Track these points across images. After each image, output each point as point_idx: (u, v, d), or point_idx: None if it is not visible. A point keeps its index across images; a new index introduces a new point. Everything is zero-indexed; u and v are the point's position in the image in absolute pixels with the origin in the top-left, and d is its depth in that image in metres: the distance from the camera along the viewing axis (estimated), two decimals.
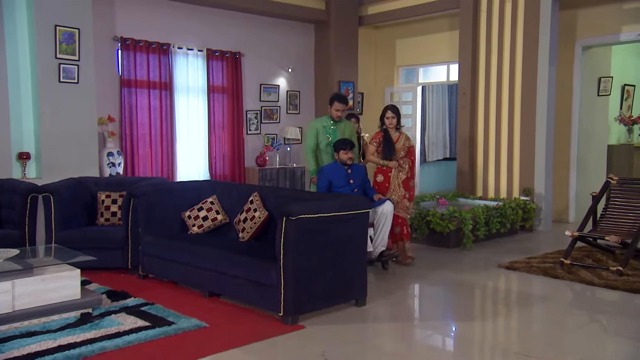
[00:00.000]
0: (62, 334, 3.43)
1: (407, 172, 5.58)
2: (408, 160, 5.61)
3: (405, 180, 5.56)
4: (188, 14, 8.18)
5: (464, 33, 8.16)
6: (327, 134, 5.67)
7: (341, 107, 5.60)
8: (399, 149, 5.58)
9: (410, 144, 5.68)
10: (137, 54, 7.69)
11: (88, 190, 5.63)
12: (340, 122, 5.71)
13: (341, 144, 5.24)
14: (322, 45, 9.76)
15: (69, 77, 6.72)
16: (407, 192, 5.56)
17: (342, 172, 5.27)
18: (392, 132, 5.59)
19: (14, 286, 3.52)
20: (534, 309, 4.36)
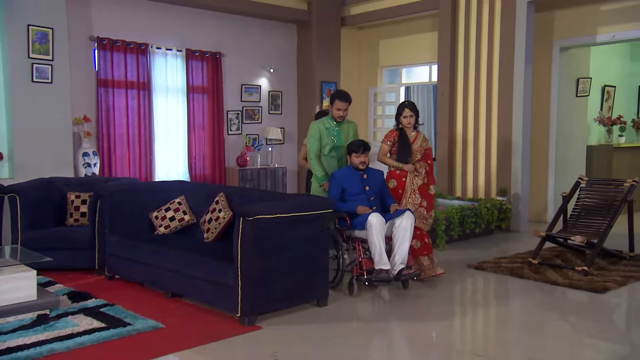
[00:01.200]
0: (14, 335, 3.41)
1: (424, 178, 4.97)
2: (425, 164, 4.97)
3: (423, 187, 4.95)
4: (167, 14, 8.15)
5: (443, 34, 8.17)
6: (332, 137, 5.00)
7: (343, 106, 4.96)
8: (415, 151, 4.93)
9: (428, 146, 5.04)
10: (114, 53, 7.67)
11: (58, 191, 5.60)
12: (344, 122, 5.08)
13: (354, 145, 4.67)
14: (305, 45, 9.75)
15: (43, 77, 6.70)
16: (424, 199, 4.94)
17: (357, 177, 4.67)
18: (408, 132, 4.96)
19: None
20: (492, 309, 4.38)
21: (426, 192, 4.99)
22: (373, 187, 4.71)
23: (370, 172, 4.75)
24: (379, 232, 4.35)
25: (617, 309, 4.39)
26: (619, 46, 9.21)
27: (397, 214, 4.52)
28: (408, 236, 4.44)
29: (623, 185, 5.41)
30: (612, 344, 3.57)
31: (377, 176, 4.80)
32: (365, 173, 4.69)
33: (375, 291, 4.64)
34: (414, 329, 3.85)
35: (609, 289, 4.58)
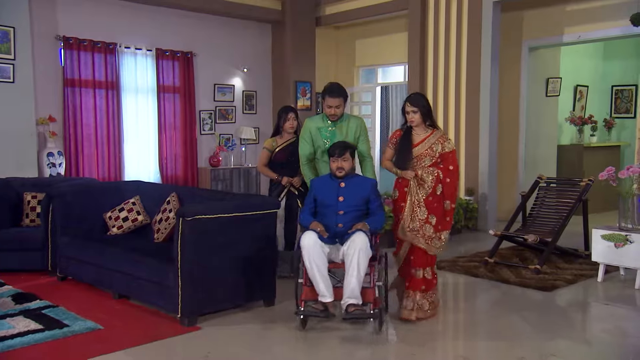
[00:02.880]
0: None
1: (434, 188, 3.86)
2: (435, 171, 3.86)
3: (433, 200, 3.87)
4: (136, 14, 8.11)
5: (412, 34, 8.17)
6: (324, 138, 4.32)
7: (334, 103, 4.24)
8: (421, 155, 3.90)
9: (448, 148, 3.93)
10: (81, 53, 7.62)
11: (14, 191, 5.56)
12: (341, 120, 4.34)
13: (331, 148, 3.94)
14: (279, 45, 9.73)
15: (4, 77, 6.66)
16: (432, 215, 3.87)
17: (332, 186, 3.88)
18: (417, 131, 3.94)
19: None
20: None
21: (439, 208, 3.91)
22: (352, 198, 3.83)
23: (352, 180, 3.90)
24: (311, 256, 3.56)
25: (556, 307, 4.37)
26: (592, 46, 9.25)
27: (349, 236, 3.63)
28: (355, 264, 3.51)
29: (579, 184, 5.43)
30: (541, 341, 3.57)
31: (361, 185, 3.90)
32: (344, 181, 3.87)
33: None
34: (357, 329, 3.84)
35: (557, 287, 4.61)
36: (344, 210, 3.83)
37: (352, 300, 3.53)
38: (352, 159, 3.93)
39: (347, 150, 3.87)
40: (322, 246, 3.63)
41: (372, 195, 3.91)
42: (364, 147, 4.42)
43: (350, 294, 3.53)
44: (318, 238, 3.60)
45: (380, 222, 3.85)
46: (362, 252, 3.52)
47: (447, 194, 3.91)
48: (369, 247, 3.56)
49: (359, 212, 3.85)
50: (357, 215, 3.82)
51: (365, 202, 3.87)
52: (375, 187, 3.97)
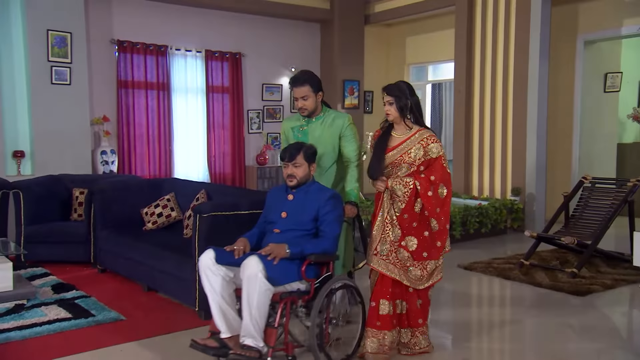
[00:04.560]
0: None
1: (405, 202, 3.05)
2: (411, 181, 3.06)
3: (409, 218, 3.08)
4: (186, 16, 8.38)
5: (459, 30, 7.97)
6: (295, 139, 3.54)
7: (299, 93, 3.44)
8: (395, 161, 3.14)
9: (435, 153, 3.13)
10: (134, 55, 7.97)
11: (65, 187, 5.89)
12: (318, 118, 3.54)
13: (281, 151, 3.25)
14: (327, 44, 9.77)
15: (61, 79, 7.05)
16: (411, 238, 3.09)
17: (281, 198, 3.23)
18: (397, 130, 3.18)
19: None
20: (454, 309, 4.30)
21: (420, 228, 3.09)
22: (297, 215, 3.10)
23: (305, 191, 3.15)
24: (206, 279, 2.95)
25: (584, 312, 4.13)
26: None
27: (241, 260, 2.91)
28: (245, 296, 2.81)
29: (626, 185, 5.11)
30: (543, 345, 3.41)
31: (314, 199, 3.11)
32: (295, 193, 3.17)
33: None
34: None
35: (592, 291, 4.37)
36: (280, 229, 3.10)
37: (247, 340, 2.85)
38: (310, 163, 3.16)
39: (300, 153, 3.12)
40: (220, 268, 2.93)
41: (323, 212, 3.06)
42: (348, 150, 3.51)
43: (245, 332, 2.85)
44: (215, 258, 2.93)
45: (322, 246, 3.01)
46: (251, 282, 2.77)
47: (429, 210, 3.04)
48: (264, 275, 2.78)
49: (303, 232, 3.07)
50: (299, 237, 3.05)
51: (313, 220, 3.08)
52: (334, 202, 3.10)
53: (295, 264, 2.98)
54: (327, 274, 3.12)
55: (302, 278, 2.99)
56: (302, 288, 3.03)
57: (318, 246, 3.02)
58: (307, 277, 3.01)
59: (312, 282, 3.03)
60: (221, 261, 2.95)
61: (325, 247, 3.04)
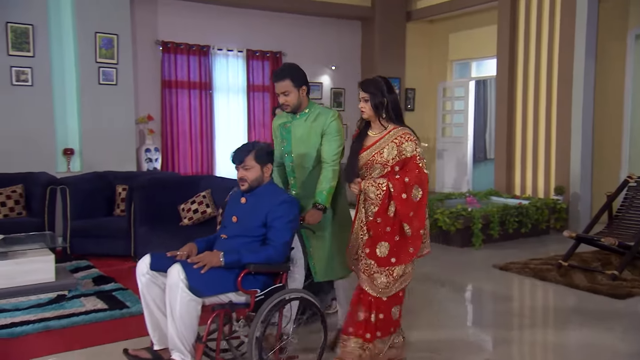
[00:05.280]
0: (24, 312, 3.84)
1: (378, 205, 2.88)
2: (384, 183, 2.88)
3: (382, 222, 2.89)
4: (228, 17, 8.55)
5: (502, 26, 7.80)
6: (281, 137, 3.31)
7: (280, 89, 3.16)
8: (368, 162, 2.94)
9: (410, 152, 2.90)
10: (178, 56, 8.19)
11: (109, 183, 6.12)
12: (303, 114, 3.23)
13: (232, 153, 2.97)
14: (368, 41, 9.75)
15: (108, 80, 7.33)
16: (382, 243, 2.90)
17: (236, 202, 3.03)
18: (373, 129, 2.98)
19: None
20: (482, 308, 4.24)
21: (392, 233, 2.88)
22: (247, 220, 2.88)
23: (258, 195, 2.91)
24: (140, 285, 2.83)
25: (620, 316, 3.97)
26: None
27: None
28: (169, 306, 2.62)
29: None
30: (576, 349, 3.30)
31: (266, 202, 2.87)
32: (249, 196, 2.94)
33: None
34: None
35: (633, 295, 4.21)
36: (228, 234, 2.89)
37: (175, 354, 2.65)
38: (263, 165, 2.90)
39: (249, 154, 2.87)
40: (155, 276, 2.77)
41: (272, 217, 2.81)
42: (325, 149, 3.15)
43: (172, 345, 2.66)
44: (150, 264, 2.79)
45: (264, 255, 2.76)
46: (172, 291, 2.58)
47: (401, 213, 2.83)
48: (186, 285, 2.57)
49: (252, 239, 2.84)
50: (247, 244, 2.82)
51: (262, 226, 2.84)
52: (286, 207, 2.84)
53: (233, 274, 2.69)
54: (279, 285, 2.86)
55: (238, 289, 2.70)
56: (240, 300, 2.76)
57: (260, 255, 2.75)
58: (245, 288, 2.70)
59: (252, 293, 2.73)
60: (157, 268, 2.76)
61: (270, 256, 2.76)
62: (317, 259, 3.23)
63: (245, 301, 2.77)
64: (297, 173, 3.23)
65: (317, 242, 3.21)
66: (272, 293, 2.80)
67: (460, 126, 10.21)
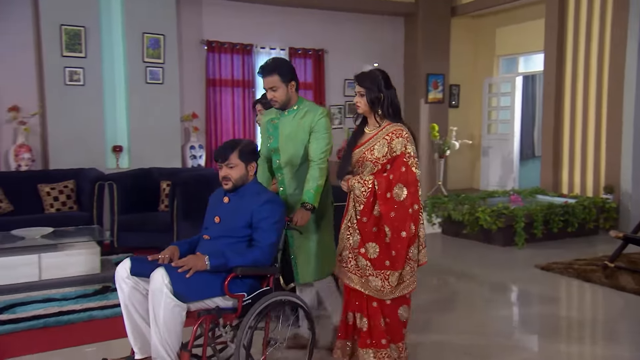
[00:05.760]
0: (72, 302, 4.02)
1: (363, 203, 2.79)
2: (370, 180, 2.78)
3: (368, 222, 2.80)
4: (271, 15, 8.64)
5: (550, 19, 7.59)
6: (268, 134, 3.22)
7: (267, 83, 3.04)
8: (359, 160, 2.87)
9: (398, 149, 2.78)
10: (222, 55, 8.35)
11: (153, 179, 6.32)
12: (292, 111, 3.11)
13: (215, 151, 2.90)
14: (412, 38, 9.67)
15: (155, 79, 7.55)
16: (371, 245, 2.80)
17: (218, 202, 2.93)
18: (369, 125, 2.91)
19: (41, 259, 4.21)
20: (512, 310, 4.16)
21: (380, 234, 2.77)
22: (230, 220, 2.76)
23: (241, 194, 2.80)
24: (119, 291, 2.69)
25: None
26: None
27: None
28: (152, 313, 2.49)
29: None
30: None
31: (250, 202, 2.75)
32: (232, 195, 2.83)
33: None
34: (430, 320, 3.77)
35: None
36: (211, 235, 2.77)
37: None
38: (248, 163, 2.79)
39: (233, 151, 2.76)
40: (136, 281, 2.63)
41: (258, 218, 2.70)
42: (313, 147, 3.04)
43: (155, 353, 2.51)
44: (130, 269, 2.63)
45: (251, 257, 2.64)
46: (156, 297, 2.45)
47: (384, 213, 2.71)
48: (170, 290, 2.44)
49: (236, 240, 2.72)
50: (231, 245, 2.70)
51: (247, 227, 2.72)
52: (270, 207, 2.73)
53: (219, 277, 2.56)
54: (266, 289, 2.75)
55: (224, 293, 2.57)
56: (226, 305, 2.62)
57: (246, 257, 2.62)
58: (232, 292, 2.58)
59: (239, 297, 2.61)
60: (138, 272, 2.61)
61: (257, 258, 2.64)
62: (300, 260, 3.10)
63: (232, 306, 2.63)
64: (284, 170, 3.12)
65: (301, 243, 3.09)
66: (259, 297, 2.68)
67: (506, 123, 9.98)
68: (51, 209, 5.92)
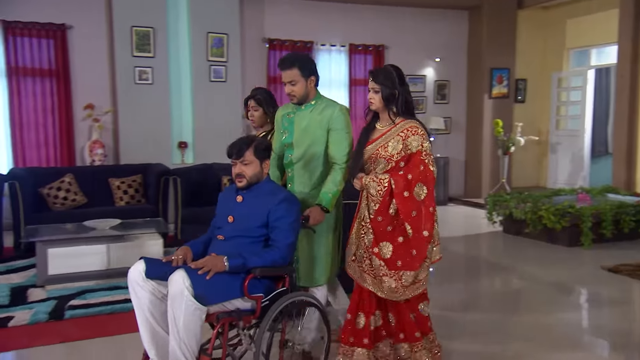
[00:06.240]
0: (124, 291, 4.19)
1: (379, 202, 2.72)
2: (386, 178, 2.71)
3: (383, 221, 2.73)
4: (332, 12, 8.70)
5: (625, 10, 7.24)
6: (283, 129, 3.11)
7: (286, 77, 2.96)
8: (372, 156, 2.81)
9: (415, 147, 2.72)
10: (283, 52, 8.47)
11: (215, 174, 6.52)
12: (309, 106, 3.02)
13: (229, 147, 2.76)
14: (476, 31, 9.45)
15: (218, 77, 7.78)
16: (385, 244, 2.73)
17: (230, 200, 2.81)
18: (381, 121, 2.85)
19: (109, 249, 4.45)
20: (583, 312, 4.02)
21: (396, 233, 2.72)
22: (245, 220, 2.68)
23: (255, 193, 2.71)
24: (133, 294, 2.57)
25: None
26: None
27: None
28: (171, 317, 2.39)
29: None
30: None
31: (266, 201, 2.67)
32: (245, 194, 2.73)
33: None
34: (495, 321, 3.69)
35: None
36: (225, 235, 2.68)
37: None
38: (262, 160, 2.71)
39: (249, 148, 2.66)
40: (150, 283, 2.52)
41: (274, 218, 2.62)
42: (335, 147, 2.92)
43: (172, 357, 2.43)
44: (145, 271, 2.53)
45: (270, 257, 2.58)
46: (176, 300, 2.35)
47: (403, 213, 2.66)
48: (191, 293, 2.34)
49: (251, 239, 2.64)
50: (247, 245, 2.62)
51: (263, 226, 2.65)
52: (287, 206, 2.65)
53: (238, 279, 2.50)
54: (282, 289, 2.67)
55: (244, 295, 2.50)
56: (245, 307, 2.56)
57: (265, 258, 2.56)
58: (251, 293, 2.52)
59: (258, 299, 2.55)
60: (152, 275, 2.52)
61: (275, 259, 2.58)
62: (303, 262, 2.97)
63: (251, 307, 2.56)
64: (295, 166, 3.00)
65: (305, 245, 2.95)
66: (276, 298, 2.62)
67: (576, 118, 9.57)
68: (120, 201, 6.24)
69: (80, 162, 7.30)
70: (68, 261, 4.40)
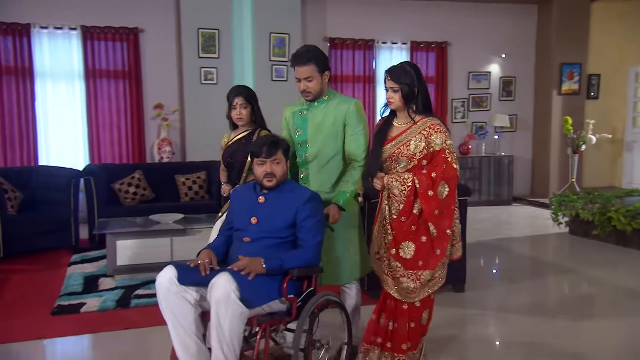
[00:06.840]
0: None
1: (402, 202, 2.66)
2: (409, 178, 2.65)
3: (406, 221, 2.68)
4: (393, 9, 8.66)
5: None
6: (295, 127, 3.03)
7: (301, 74, 2.84)
8: (392, 155, 2.73)
9: (438, 145, 2.65)
10: (344, 51, 8.54)
11: None
12: (322, 102, 2.92)
13: (254, 145, 2.69)
14: (545, 26, 9.13)
15: (280, 76, 7.93)
16: (407, 243, 2.69)
17: (250, 200, 2.70)
18: (399, 119, 2.76)
19: (172, 242, 4.65)
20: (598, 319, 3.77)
21: (418, 233, 2.68)
22: (270, 220, 2.61)
23: (279, 193, 2.64)
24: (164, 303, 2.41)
25: None
26: None
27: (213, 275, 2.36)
28: (215, 323, 2.29)
29: None
30: None
31: (289, 201, 2.61)
32: (267, 194, 2.65)
33: None
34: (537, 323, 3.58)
35: None
36: (251, 237, 2.59)
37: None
38: (287, 159, 2.67)
39: (279, 148, 2.62)
40: (185, 290, 2.40)
41: (302, 217, 2.56)
42: (352, 145, 2.85)
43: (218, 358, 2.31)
44: (178, 278, 2.39)
45: (303, 258, 2.53)
46: (222, 305, 2.25)
47: (426, 212, 2.61)
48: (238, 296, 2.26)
49: (278, 240, 2.58)
50: (274, 246, 2.56)
51: (290, 226, 2.59)
52: (314, 204, 2.60)
53: (275, 280, 2.46)
54: (310, 290, 2.63)
55: (282, 296, 2.48)
56: (281, 309, 2.52)
57: (299, 258, 2.52)
58: (289, 294, 2.50)
59: (293, 300, 2.51)
60: (185, 281, 2.40)
61: (308, 259, 2.53)
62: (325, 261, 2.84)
63: (286, 309, 2.53)
64: (310, 165, 2.91)
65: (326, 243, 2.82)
66: (307, 298, 2.58)
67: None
68: (185, 197, 6.50)
69: (149, 159, 7.67)
70: (135, 252, 4.65)
